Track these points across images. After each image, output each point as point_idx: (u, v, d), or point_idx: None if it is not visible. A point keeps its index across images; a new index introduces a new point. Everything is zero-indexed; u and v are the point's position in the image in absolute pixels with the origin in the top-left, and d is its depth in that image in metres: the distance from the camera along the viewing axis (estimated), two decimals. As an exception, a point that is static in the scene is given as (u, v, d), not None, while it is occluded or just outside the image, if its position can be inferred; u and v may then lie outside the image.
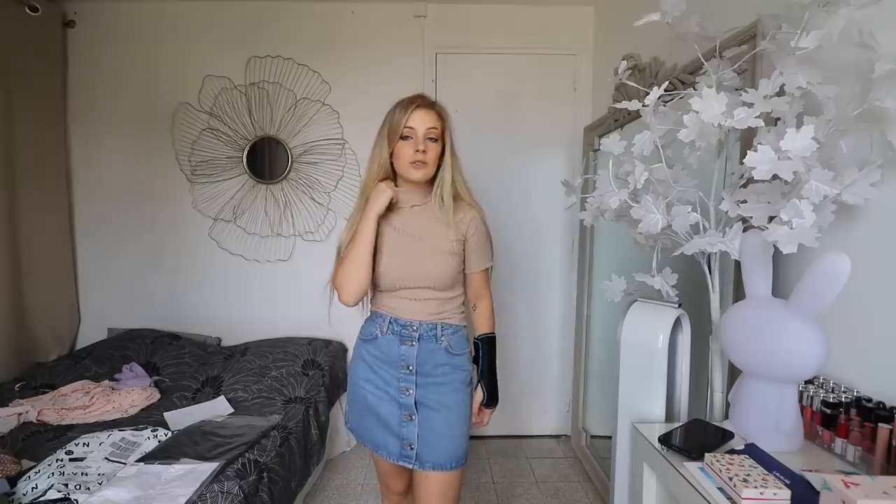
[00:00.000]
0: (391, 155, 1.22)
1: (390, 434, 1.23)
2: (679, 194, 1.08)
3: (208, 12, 2.55)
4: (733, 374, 1.15)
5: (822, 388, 1.02)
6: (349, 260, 1.20)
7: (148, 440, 1.63)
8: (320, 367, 2.32)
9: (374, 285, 1.26)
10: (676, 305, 1.21)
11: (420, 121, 1.19)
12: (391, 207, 1.24)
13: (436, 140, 1.20)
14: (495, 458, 2.52)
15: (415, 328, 1.22)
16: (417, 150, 1.18)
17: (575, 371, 2.61)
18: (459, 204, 1.26)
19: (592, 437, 2.46)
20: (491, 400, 1.31)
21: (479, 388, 1.31)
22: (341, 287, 1.21)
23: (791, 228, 0.86)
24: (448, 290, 1.24)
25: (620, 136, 1.15)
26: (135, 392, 2.02)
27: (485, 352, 1.31)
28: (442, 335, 1.23)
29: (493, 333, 1.34)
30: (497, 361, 1.33)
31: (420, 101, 1.21)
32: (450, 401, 1.22)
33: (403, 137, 1.19)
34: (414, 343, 1.22)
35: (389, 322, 1.24)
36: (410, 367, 1.21)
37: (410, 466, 1.21)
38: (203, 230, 2.64)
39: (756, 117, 0.91)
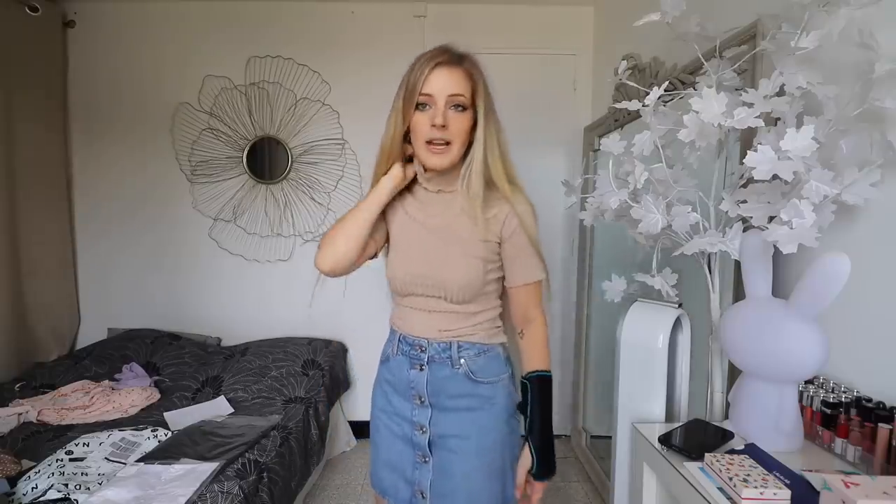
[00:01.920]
0: (407, 130, 0.94)
1: (400, 477, 1.01)
2: (679, 194, 1.08)
3: (208, 12, 2.55)
4: (733, 374, 1.15)
5: (822, 388, 1.02)
6: (339, 224, 0.96)
7: (148, 440, 1.63)
8: (320, 367, 2.32)
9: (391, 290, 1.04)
10: (676, 305, 1.21)
11: (441, 84, 0.89)
12: (411, 189, 1.01)
13: (464, 109, 0.91)
14: (495, 458, 2.52)
15: (423, 348, 0.97)
16: (434, 125, 0.89)
17: (575, 371, 2.60)
18: (493, 194, 0.96)
19: (592, 437, 2.46)
20: (543, 467, 0.95)
21: (527, 448, 0.97)
22: (321, 247, 0.96)
23: (791, 228, 0.86)
24: (470, 304, 0.97)
25: (620, 136, 1.15)
26: (135, 392, 2.02)
27: (535, 397, 0.96)
28: (460, 357, 0.96)
29: (549, 372, 0.98)
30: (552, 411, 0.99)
31: (442, 57, 0.91)
32: (474, 439, 0.96)
33: (420, 106, 0.91)
34: (424, 367, 0.97)
35: (399, 340, 1.02)
36: (422, 399, 0.98)
37: None
38: (203, 230, 2.64)
39: (756, 117, 0.91)
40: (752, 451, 0.91)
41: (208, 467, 1.44)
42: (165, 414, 1.91)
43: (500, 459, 0.98)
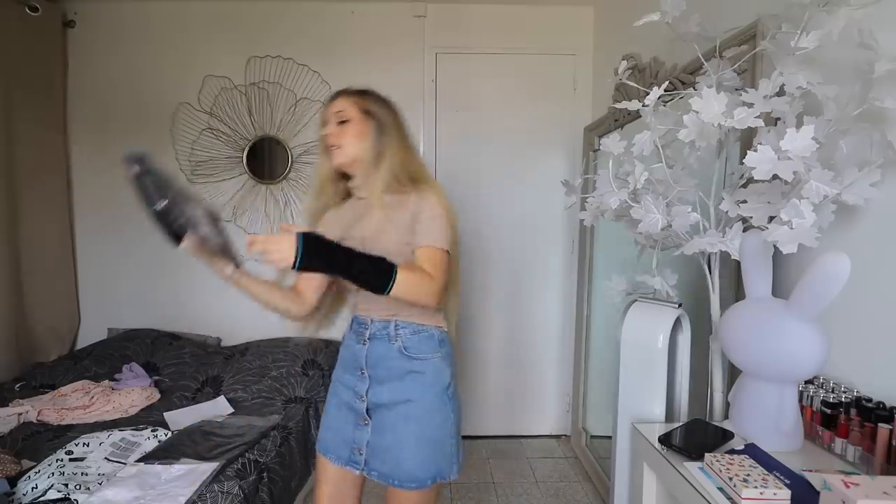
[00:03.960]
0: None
1: (341, 439, 1.15)
2: (679, 194, 1.08)
3: (208, 12, 2.55)
4: (733, 374, 1.15)
5: (822, 388, 1.02)
6: None
7: (148, 440, 1.63)
8: (320, 367, 2.31)
9: None
10: (676, 305, 1.21)
11: (329, 110, 1.15)
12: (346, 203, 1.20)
13: (346, 122, 1.11)
14: (495, 458, 2.52)
15: (367, 325, 1.13)
16: (325, 134, 1.13)
17: (575, 371, 2.61)
18: (403, 191, 1.10)
19: (592, 437, 2.46)
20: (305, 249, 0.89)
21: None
22: None
23: (791, 228, 0.86)
24: None
25: (620, 136, 1.15)
26: (135, 392, 2.02)
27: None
28: (397, 334, 1.10)
29: (390, 271, 0.95)
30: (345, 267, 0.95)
31: (334, 94, 1.17)
32: (404, 408, 1.08)
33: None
34: (366, 342, 1.12)
35: (352, 321, 1.19)
36: (363, 370, 1.12)
37: (357, 471, 1.12)
38: (203, 230, 2.64)
39: (756, 117, 0.91)
40: (752, 451, 0.91)
41: (208, 467, 1.44)
42: (165, 414, 1.91)
43: (431, 429, 1.09)
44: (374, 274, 0.95)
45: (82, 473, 1.41)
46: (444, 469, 1.10)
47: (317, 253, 0.91)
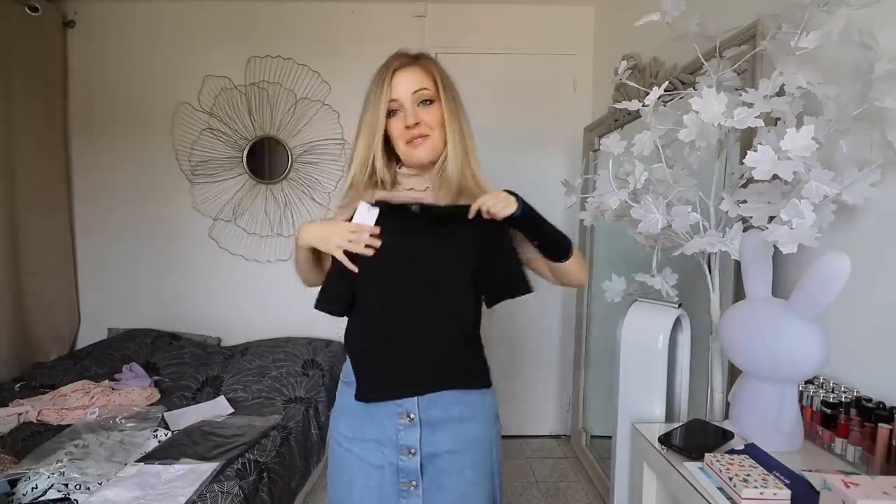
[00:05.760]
0: (385, 137, 0.94)
1: None
2: (679, 194, 1.08)
3: (208, 12, 2.55)
4: (733, 374, 1.15)
5: (822, 388, 1.02)
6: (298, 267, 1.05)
7: (148, 440, 1.63)
8: (320, 367, 2.31)
9: None
10: (676, 305, 1.21)
11: (403, 86, 0.91)
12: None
13: (431, 101, 0.93)
14: (495, 458, 2.52)
15: None
16: (408, 126, 0.91)
17: (575, 371, 2.60)
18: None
19: (592, 437, 2.46)
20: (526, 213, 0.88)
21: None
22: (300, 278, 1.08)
23: (791, 228, 0.86)
24: None
25: (620, 136, 1.15)
26: (135, 392, 2.01)
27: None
28: None
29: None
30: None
31: (397, 62, 0.92)
32: (468, 452, 0.90)
33: (391, 114, 0.93)
34: None
35: None
36: (412, 416, 0.88)
37: None
38: (203, 230, 2.64)
39: (756, 117, 0.91)
40: (752, 451, 0.91)
41: (208, 467, 1.44)
42: (165, 414, 1.91)
43: (491, 464, 0.95)
44: (562, 238, 0.93)
45: (82, 473, 1.41)
46: (497, 497, 0.98)
47: (528, 207, 0.91)
